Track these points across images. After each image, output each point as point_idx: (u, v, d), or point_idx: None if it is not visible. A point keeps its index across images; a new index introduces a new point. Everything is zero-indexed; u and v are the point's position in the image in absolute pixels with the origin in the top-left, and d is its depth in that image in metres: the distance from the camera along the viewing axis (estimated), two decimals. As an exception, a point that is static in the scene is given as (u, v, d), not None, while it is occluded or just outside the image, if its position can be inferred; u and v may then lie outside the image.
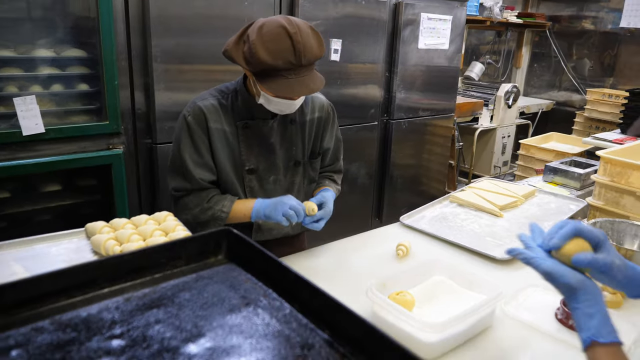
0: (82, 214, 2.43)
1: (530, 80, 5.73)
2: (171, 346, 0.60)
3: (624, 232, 1.64)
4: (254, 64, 1.34)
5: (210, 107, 1.52)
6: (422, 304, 1.27)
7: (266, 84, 1.36)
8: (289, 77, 1.34)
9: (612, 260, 0.88)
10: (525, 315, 1.31)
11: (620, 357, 0.83)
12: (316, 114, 1.68)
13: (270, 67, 1.32)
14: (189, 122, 1.50)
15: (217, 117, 1.52)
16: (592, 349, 0.85)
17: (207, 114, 1.50)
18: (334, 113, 1.74)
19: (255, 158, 1.58)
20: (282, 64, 1.32)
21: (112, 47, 2.15)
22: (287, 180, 1.67)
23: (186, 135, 1.51)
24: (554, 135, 4.24)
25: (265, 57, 1.31)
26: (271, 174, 1.63)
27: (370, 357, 0.59)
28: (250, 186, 1.61)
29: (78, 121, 2.23)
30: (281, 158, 1.63)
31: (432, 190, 3.89)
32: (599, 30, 5.06)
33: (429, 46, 3.41)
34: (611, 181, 1.82)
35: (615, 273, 0.89)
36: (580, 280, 0.87)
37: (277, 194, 1.64)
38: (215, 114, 1.52)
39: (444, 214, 1.96)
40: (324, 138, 1.73)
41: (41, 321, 0.62)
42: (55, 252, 1.10)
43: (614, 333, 0.84)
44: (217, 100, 1.54)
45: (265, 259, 0.75)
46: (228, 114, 1.54)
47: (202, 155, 1.53)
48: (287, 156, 1.64)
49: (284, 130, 1.61)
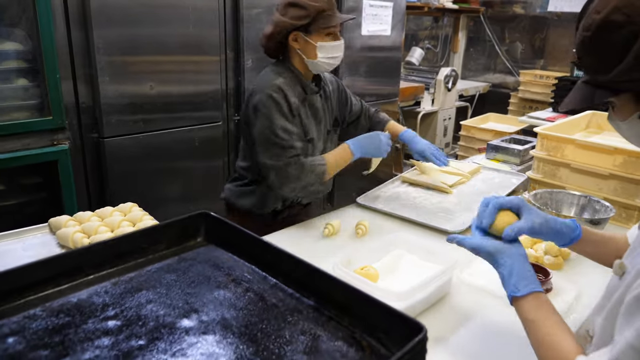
0: (28, 214, 2.34)
1: (467, 64, 5.97)
2: (167, 322, 0.62)
3: (561, 201, 1.78)
4: (306, 15, 1.62)
5: (284, 84, 1.69)
6: (385, 276, 1.34)
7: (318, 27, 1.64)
8: (332, 14, 1.66)
9: (532, 222, 1.02)
10: (478, 281, 1.41)
11: (539, 303, 0.93)
12: (330, 87, 1.93)
13: (320, 8, 1.63)
14: (276, 97, 1.66)
15: (291, 92, 1.71)
16: (515, 304, 0.96)
17: (285, 90, 1.68)
18: (338, 81, 2.01)
19: (313, 128, 1.81)
20: (326, 4, 1.64)
21: (51, 40, 2.07)
22: (322, 147, 1.88)
23: (276, 110, 1.66)
24: (491, 115, 4.46)
25: (312, 4, 1.62)
26: (319, 142, 1.84)
27: (354, 317, 0.64)
28: (306, 153, 1.76)
29: (19, 117, 2.14)
30: (322, 127, 1.87)
31: (380, 173, 3.98)
32: (528, 14, 5.33)
33: (371, 33, 3.49)
34: (548, 155, 1.96)
35: (540, 230, 1.03)
36: (497, 247, 1.00)
37: None
38: (290, 90, 1.70)
39: (397, 193, 2.05)
40: (347, 101, 2.02)
41: (32, 309, 0.63)
42: (21, 248, 1.08)
43: (531, 285, 0.95)
44: (283, 78, 1.71)
45: (244, 237, 0.79)
46: (291, 90, 1.71)
47: (294, 125, 1.69)
48: (324, 126, 1.88)
49: (322, 103, 1.86)
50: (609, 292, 0.91)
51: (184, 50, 2.44)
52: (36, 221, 1.37)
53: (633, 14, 0.70)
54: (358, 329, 0.62)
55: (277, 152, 1.65)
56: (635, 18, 0.70)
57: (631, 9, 0.70)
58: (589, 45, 0.77)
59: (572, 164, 1.89)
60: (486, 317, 1.27)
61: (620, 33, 0.72)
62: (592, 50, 0.77)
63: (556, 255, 1.48)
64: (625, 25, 0.71)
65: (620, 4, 0.72)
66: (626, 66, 0.72)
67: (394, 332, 0.60)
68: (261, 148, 1.68)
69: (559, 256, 1.48)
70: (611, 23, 0.73)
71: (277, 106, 1.66)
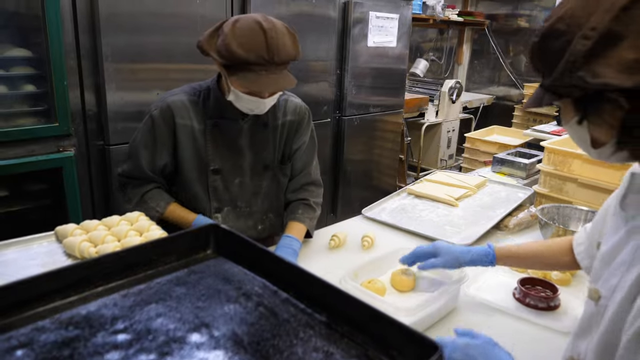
0: (32, 220, 2.33)
1: (472, 76, 5.98)
2: (177, 336, 0.61)
3: (568, 216, 1.77)
4: (226, 56, 1.33)
5: (179, 103, 1.51)
6: (392, 290, 1.33)
7: (236, 77, 1.35)
8: (260, 73, 1.33)
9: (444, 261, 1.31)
10: (486, 295, 1.40)
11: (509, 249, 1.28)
12: (288, 117, 1.65)
13: (242, 60, 1.31)
14: (154, 116, 1.50)
15: (186, 114, 1.51)
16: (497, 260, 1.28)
17: (174, 110, 1.50)
18: (309, 115, 1.71)
19: (221, 158, 1.57)
20: (254, 58, 1.31)
21: (60, 46, 2.08)
22: (255, 184, 1.64)
23: (147, 129, 1.51)
24: (495, 128, 4.45)
25: (237, 49, 1.30)
26: (236, 176, 1.61)
27: (368, 334, 0.63)
28: (214, 186, 1.59)
29: (25, 124, 2.14)
30: (249, 161, 1.61)
31: (384, 184, 4.00)
32: (533, 27, 5.35)
33: (377, 44, 3.50)
34: (555, 169, 1.96)
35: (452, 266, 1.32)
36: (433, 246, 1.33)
37: (242, 197, 1.64)
38: (184, 110, 1.51)
39: (403, 205, 2.04)
40: (295, 140, 1.68)
41: (41, 321, 0.62)
42: (26, 257, 1.07)
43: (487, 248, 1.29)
44: (188, 96, 1.53)
45: (255, 250, 0.78)
46: (198, 111, 1.53)
47: (156, 152, 1.53)
48: (255, 159, 1.62)
49: (255, 133, 1.59)
50: (587, 317, 0.91)
51: (191, 58, 2.44)
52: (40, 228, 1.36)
53: (572, 24, 0.74)
54: (371, 347, 0.61)
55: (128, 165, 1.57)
56: (573, 28, 0.74)
57: (571, 20, 0.74)
58: (537, 50, 0.81)
59: (579, 179, 1.88)
60: (494, 333, 1.25)
61: (559, 41, 0.76)
62: (538, 56, 0.81)
63: (564, 272, 1.47)
64: (564, 34, 0.75)
65: (565, 14, 0.76)
66: (559, 72, 0.76)
67: (409, 350, 0.59)
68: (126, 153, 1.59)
69: (567, 272, 1.47)
70: (554, 31, 0.77)
71: (151, 126, 1.50)
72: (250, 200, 1.65)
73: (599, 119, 0.76)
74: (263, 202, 1.68)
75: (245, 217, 1.67)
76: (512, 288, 1.42)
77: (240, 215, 1.66)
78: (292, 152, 1.70)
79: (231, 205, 1.64)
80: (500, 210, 1.93)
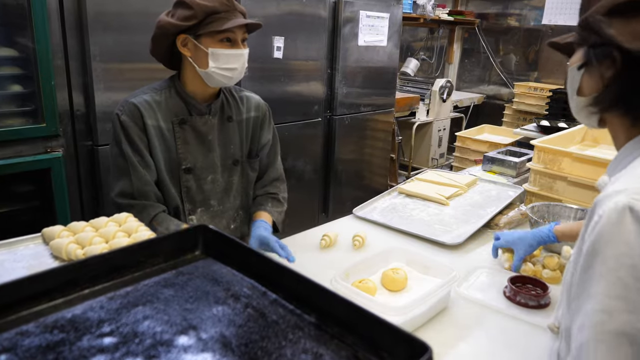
0: (20, 222, 2.30)
1: (462, 75, 6.00)
2: (164, 339, 0.60)
3: (558, 214, 1.77)
4: (192, 15, 1.38)
5: (144, 103, 1.48)
6: (383, 289, 1.32)
7: (208, 31, 1.40)
8: (228, 17, 1.41)
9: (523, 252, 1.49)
10: (476, 294, 1.40)
11: None
12: (252, 113, 1.67)
13: (209, 9, 1.39)
14: (124, 121, 1.45)
15: (152, 114, 1.48)
16: None
17: (142, 110, 1.46)
18: (269, 113, 1.74)
19: (193, 156, 1.54)
20: (219, 4, 1.40)
21: (47, 46, 2.06)
22: (225, 180, 1.63)
23: (124, 135, 1.45)
24: (486, 127, 4.47)
25: (203, 1, 1.38)
26: (209, 174, 1.59)
27: (358, 335, 0.62)
28: (187, 186, 1.56)
29: (12, 124, 2.11)
30: (219, 156, 1.59)
31: (375, 184, 4.00)
32: (523, 27, 5.38)
33: (368, 43, 3.50)
34: (545, 168, 1.96)
35: None
36: None
37: (215, 195, 1.61)
38: (150, 110, 1.48)
39: (393, 204, 2.04)
40: (261, 137, 1.70)
41: (24, 325, 0.61)
42: (12, 259, 1.06)
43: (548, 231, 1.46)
44: (151, 96, 1.50)
45: (244, 251, 0.77)
46: (162, 110, 1.50)
47: (144, 155, 1.47)
48: (225, 155, 1.61)
49: (222, 128, 1.59)
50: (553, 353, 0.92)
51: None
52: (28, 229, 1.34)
53: None
54: (361, 348, 0.61)
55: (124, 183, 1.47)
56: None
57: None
58: None
59: (569, 177, 1.89)
60: (486, 331, 1.26)
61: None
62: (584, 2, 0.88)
63: (554, 269, 1.47)
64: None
65: None
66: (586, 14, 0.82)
67: (399, 351, 0.58)
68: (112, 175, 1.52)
69: (557, 270, 1.47)
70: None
71: (124, 131, 1.45)
72: (222, 197, 1.64)
73: (595, 70, 0.83)
74: (235, 199, 1.67)
75: (219, 217, 1.65)
76: (502, 286, 1.43)
77: (214, 215, 1.64)
78: (260, 149, 1.71)
79: (204, 206, 1.61)
80: (491, 209, 1.93)
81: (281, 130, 2.78)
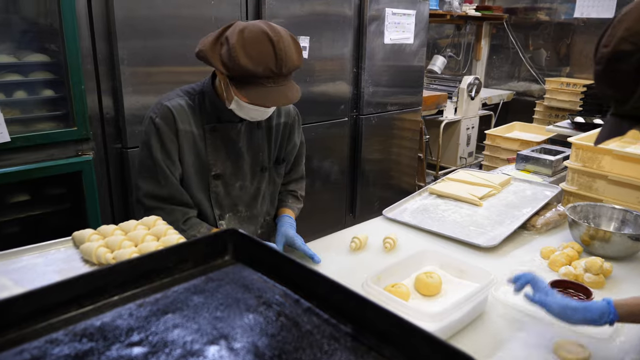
0: (52, 224, 2.34)
1: (490, 71, 5.88)
2: (194, 349, 0.58)
3: (600, 215, 1.70)
4: (232, 68, 1.29)
5: (179, 107, 1.46)
6: (416, 294, 1.28)
7: (243, 91, 1.32)
8: (268, 86, 1.30)
9: None
10: (515, 299, 1.34)
11: None
12: (282, 119, 1.64)
13: (250, 73, 1.28)
14: (158, 123, 1.44)
15: (186, 118, 1.46)
16: None
17: (175, 115, 1.45)
18: (299, 118, 1.72)
19: (222, 163, 1.54)
20: (263, 71, 1.28)
21: (76, 51, 2.08)
22: (254, 187, 1.63)
23: (156, 138, 1.45)
24: (516, 124, 4.36)
25: (246, 62, 1.26)
26: (237, 180, 1.58)
27: (397, 347, 0.59)
28: (215, 192, 1.55)
29: (45, 128, 2.15)
30: (248, 163, 1.58)
31: (403, 184, 3.94)
32: (553, 21, 5.22)
33: (394, 41, 3.45)
34: (583, 166, 1.89)
35: None
36: None
37: (242, 201, 1.61)
38: (184, 115, 1.46)
39: (424, 205, 1.99)
40: (290, 142, 1.69)
41: (54, 333, 0.60)
42: (43, 263, 1.06)
43: None
44: (185, 100, 1.48)
45: (275, 256, 0.74)
46: (196, 116, 1.48)
47: (174, 159, 1.47)
48: (254, 161, 1.60)
49: (251, 135, 1.57)
50: None
51: (206, 60, 2.42)
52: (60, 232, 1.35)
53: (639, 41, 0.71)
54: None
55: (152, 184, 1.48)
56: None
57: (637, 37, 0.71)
58: (604, 77, 0.77)
59: (609, 176, 1.81)
60: (525, 339, 1.20)
61: (630, 62, 0.72)
62: (607, 82, 0.77)
63: (597, 274, 1.41)
64: (634, 53, 0.71)
65: (626, 34, 0.72)
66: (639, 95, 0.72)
67: (441, 364, 0.55)
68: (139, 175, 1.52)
69: (600, 274, 1.41)
70: (620, 53, 0.73)
71: (157, 133, 1.43)
72: (250, 203, 1.64)
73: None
74: (262, 205, 1.67)
75: (247, 222, 1.65)
76: (541, 290, 1.36)
77: (242, 221, 1.64)
78: (287, 153, 1.71)
79: (232, 211, 1.61)
80: (527, 210, 1.87)
81: (307, 130, 2.75)
